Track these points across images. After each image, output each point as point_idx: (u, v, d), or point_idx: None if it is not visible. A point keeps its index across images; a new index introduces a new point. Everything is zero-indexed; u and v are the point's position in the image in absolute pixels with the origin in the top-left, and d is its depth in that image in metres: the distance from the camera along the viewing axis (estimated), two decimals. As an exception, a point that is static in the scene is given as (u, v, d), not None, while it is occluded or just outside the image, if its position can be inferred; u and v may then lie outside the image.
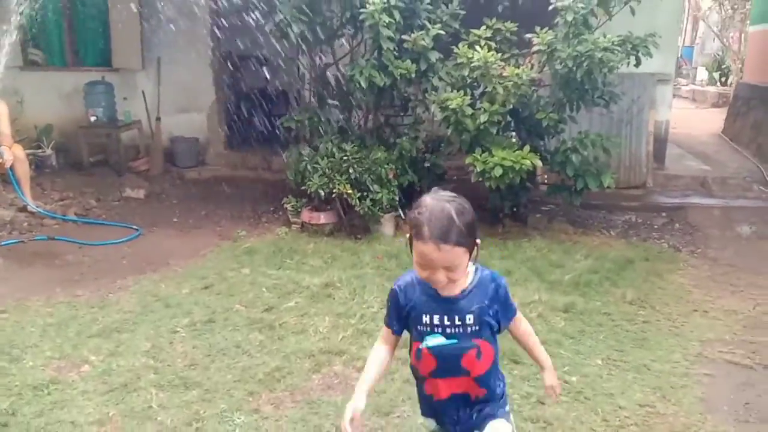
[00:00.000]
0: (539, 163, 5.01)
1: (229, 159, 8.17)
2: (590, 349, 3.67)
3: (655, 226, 6.05)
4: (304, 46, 5.34)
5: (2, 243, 5.44)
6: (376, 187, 5.29)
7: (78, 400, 3.08)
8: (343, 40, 5.49)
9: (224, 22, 7.33)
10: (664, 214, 6.39)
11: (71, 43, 8.33)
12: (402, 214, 5.51)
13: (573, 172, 5.20)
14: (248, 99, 8.45)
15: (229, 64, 8.15)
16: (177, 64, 7.92)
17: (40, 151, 7.76)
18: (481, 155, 4.99)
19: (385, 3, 4.67)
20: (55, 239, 5.60)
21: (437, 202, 1.81)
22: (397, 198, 5.46)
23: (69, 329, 3.83)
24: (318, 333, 3.82)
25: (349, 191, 5.29)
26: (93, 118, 7.65)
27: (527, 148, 5.03)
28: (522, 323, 2.10)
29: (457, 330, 1.92)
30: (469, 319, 1.91)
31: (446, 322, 1.92)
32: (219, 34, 7.66)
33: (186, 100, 8.11)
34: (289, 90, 7.73)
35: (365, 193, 5.34)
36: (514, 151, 5.00)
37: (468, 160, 5.03)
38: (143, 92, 7.97)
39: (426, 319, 1.94)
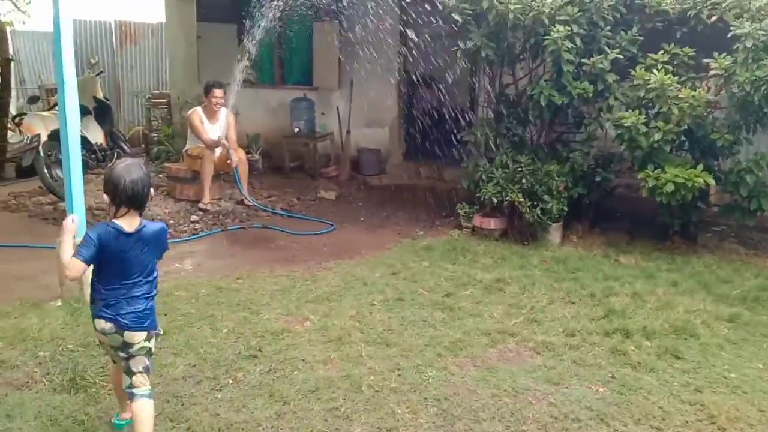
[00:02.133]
0: (712, 182, 5.19)
1: (406, 169, 9.02)
2: (752, 355, 3.88)
3: (834, 253, 5.89)
4: (488, 68, 5.97)
5: (229, 228, 6.66)
6: (546, 197, 5.76)
7: (305, 346, 3.92)
8: (522, 62, 6.04)
9: (410, 47, 8.21)
10: None
11: (279, 64, 9.71)
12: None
13: (747, 193, 5.30)
14: (426, 116, 9.25)
15: (411, 84, 9.01)
16: (366, 84, 8.94)
17: (249, 155, 9.14)
18: (653, 171, 5.28)
19: (569, 31, 5.19)
20: (268, 228, 6.71)
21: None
22: (566, 209, 5.88)
23: (291, 295, 4.75)
24: (492, 317, 4.40)
25: (521, 200, 5.82)
26: (296, 130, 8.89)
27: (700, 166, 5.24)
28: None
29: None
30: None
31: None
32: (404, 59, 8.55)
33: (372, 116, 9.12)
34: (465, 108, 8.40)
35: (536, 203, 5.83)
36: (687, 169, 5.23)
37: (640, 175, 5.34)
38: (337, 108, 9.08)
39: None
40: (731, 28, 4.97)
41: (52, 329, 3.96)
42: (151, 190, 2.80)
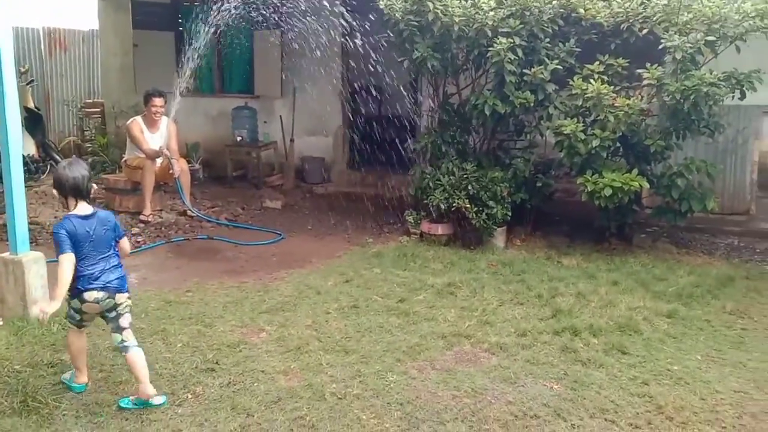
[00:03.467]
0: (647, 185, 5.49)
1: (351, 177, 9.07)
2: (691, 347, 4.13)
3: (758, 250, 6.32)
4: (432, 78, 6.10)
5: (173, 240, 6.52)
6: (491, 203, 5.94)
7: (263, 357, 3.90)
8: (465, 72, 6.21)
9: (352, 56, 8.29)
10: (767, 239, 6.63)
11: (219, 73, 9.58)
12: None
13: (678, 195, 5.63)
14: (368, 124, 9.34)
15: (353, 93, 9.09)
16: (309, 93, 8.93)
17: (190, 165, 8.96)
18: (591, 176, 5.54)
19: (511, 42, 5.38)
20: (214, 239, 6.61)
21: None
22: (509, 214, 6.08)
23: (244, 306, 4.71)
24: (446, 321, 4.49)
25: (467, 206, 5.97)
26: (239, 138, 8.79)
27: (635, 171, 5.53)
28: None
29: None
30: None
31: None
32: (347, 68, 8.62)
33: (315, 124, 9.13)
34: (407, 117, 8.53)
35: (481, 208, 6.00)
36: (623, 174, 5.51)
37: (579, 180, 5.58)
38: (280, 117, 9.04)
39: None
40: (661, 41, 5.28)
41: (-6, 350, 3.78)
42: (93, 184, 3.39)
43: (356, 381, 3.60)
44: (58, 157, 8.38)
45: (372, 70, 7.43)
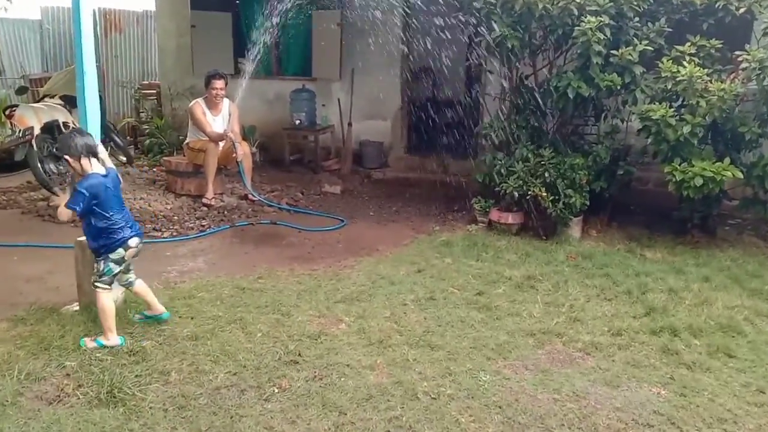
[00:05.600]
0: (740, 175, 5.13)
1: (410, 162, 8.86)
2: (803, 352, 3.82)
3: None
4: (506, 59, 5.81)
5: (236, 224, 6.41)
6: (569, 191, 5.65)
7: (346, 349, 3.74)
8: (544, 53, 5.91)
9: (414, 37, 8.02)
10: None
11: (276, 54, 9.43)
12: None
13: (772, 186, 5.26)
14: (428, 108, 9.10)
15: (413, 75, 8.83)
16: (368, 75, 8.73)
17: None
18: (680, 165, 5.20)
19: (600, 21, 5.06)
20: (277, 224, 6.48)
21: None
22: (587, 203, 5.79)
23: (318, 295, 4.55)
24: (532, 317, 4.26)
25: (544, 194, 5.70)
26: (297, 122, 8.64)
27: (727, 160, 5.18)
28: None
29: None
30: None
31: None
32: (408, 49, 8.37)
33: (374, 108, 8.92)
34: (469, 100, 8.25)
35: (557, 197, 5.72)
36: (713, 163, 5.17)
37: (667, 169, 5.25)
38: (338, 100, 8.85)
39: None
40: (765, 21, 4.89)
41: (74, 336, 3.70)
42: (95, 143, 3.69)
43: (448, 380, 3.42)
44: (118, 139, 8.36)
45: (433, 51, 7.19)
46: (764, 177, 5.36)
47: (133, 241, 3.73)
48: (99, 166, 3.62)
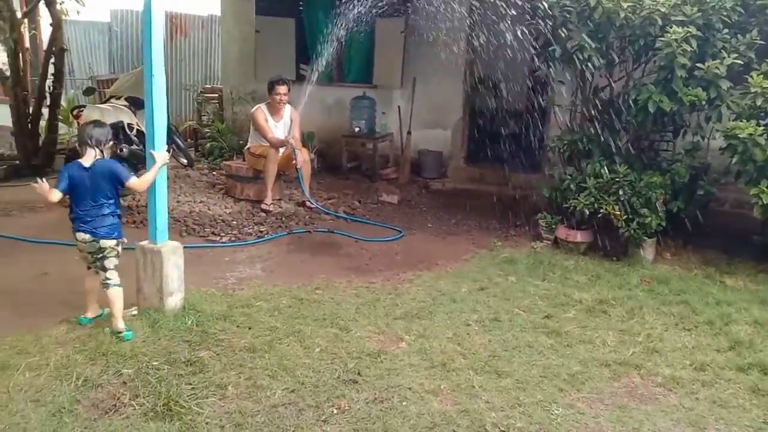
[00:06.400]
0: (836, 201, 4.73)
1: (469, 173, 8.63)
2: None
3: None
4: (580, 70, 5.54)
5: (294, 231, 6.32)
6: (644, 210, 5.33)
7: (407, 371, 3.56)
8: (621, 65, 5.61)
9: (478, 45, 7.81)
10: None
11: (338, 61, 9.36)
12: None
13: None
14: (490, 118, 8.86)
15: (476, 85, 8.61)
16: (430, 84, 8.57)
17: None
18: (767, 188, 4.84)
19: (687, 32, 4.75)
20: (334, 232, 6.37)
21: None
22: (663, 224, 5.45)
23: (377, 309, 4.39)
24: (606, 345, 3.99)
25: (617, 212, 5.40)
26: (357, 129, 8.54)
27: (820, 184, 4.78)
28: None
29: None
30: None
31: None
32: (471, 58, 8.16)
33: (434, 117, 8.74)
34: (534, 111, 7.97)
35: (631, 216, 5.41)
36: (806, 186, 4.78)
37: (753, 191, 4.89)
38: (399, 108, 8.71)
39: None
40: None
41: (132, 342, 3.65)
42: (106, 139, 3.86)
43: (517, 411, 3.19)
44: (180, 141, 8.43)
45: (499, 59, 6.95)
46: None
47: (79, 236, 3.80)
48: (90, 159, 3.76)
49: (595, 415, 3.19)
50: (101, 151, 3.82)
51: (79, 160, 3.78)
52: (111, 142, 3.94)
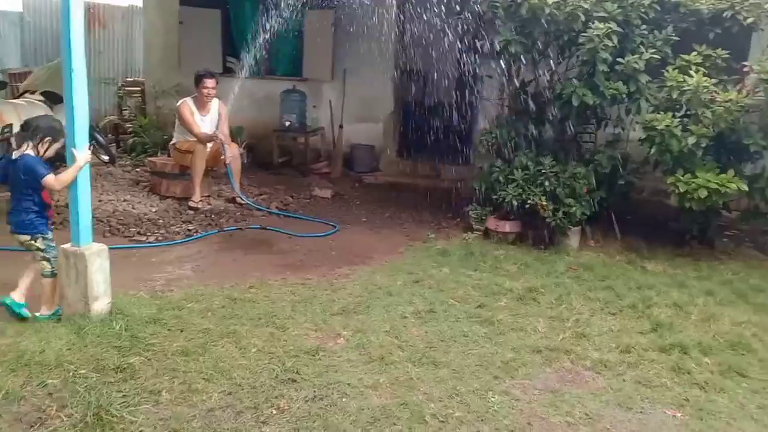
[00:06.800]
0: (745, 188, 5.04)
1: (401, 167, 8.68)
2: (816, 373, 3.72)
3: None
4: (507, 65, 5.68)
5: (225, 228, 6.19)
6: (570, 200, 5.53)
7: (346, 367, 3.55)
8: (546, 60, 5.77)
9: (408, 40, 7.87)
10: None
11: (267, 54, 9.18)
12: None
13: (778, 199, 5.19)
14: (421, 112, 8.94)
15: (407, 79, 8.67)
16: (361, 77, 8.54)
17: (238, 150, 8.62)
18: (683, 176, 5.10)
19: (608, 28, 4.94)
20: (267, 229, 6.27)
21: None
22: (587, 213, 5.67)
23: (313, 306, 4.36)
24: (537, 332, 4.12)
25: (544, 203, 5.57)
26: (287, 123, 8.42)
27: (731, 171, 5.09)
28: None
29: None
30: None
31: None
32: (402, 52, 8.21)
33: (366, 110, 8.72)
34: (463, 105, 8.10)
35: (558, 206, 5.59)
36: (717, 175, 5.07)
37: (670, 180, 5.15)
38: (330, 101, 8.66)
39: None
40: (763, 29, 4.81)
41: (57, 351, 3.46)
42: (41, 135, 3.84)
43: (455, 401, 3.25)
44: (99, 137, 8.06)
45: (428, 53, 7.02)
46: (766, 189, 5.28)
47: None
48: (20, 153, 3.80)
49: (530, 401, 3.29)
50: (35, 146, 3.81)
51: (14, 153, 3.86)
52: (48, 139, 3.86)
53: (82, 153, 3.73)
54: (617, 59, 5.18)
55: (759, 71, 4.81)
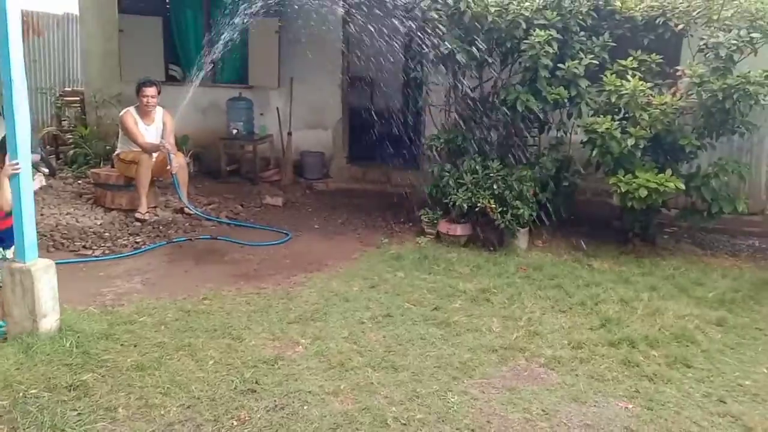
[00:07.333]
0: (682, 187, 5.29)
1: (351, 173, 8.71)
2: (753, 359, 3.93)
3: (782, 252, 6.22)
4: (452, 72, 5.79)
5: (174, 240, 6.07)
6: (517, 203, 5.67)
7: (306, 375, 3.55)
8: (490, 66, 5.92)
9: (354, 47, 7.90)
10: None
11: (211, 61, 9.04)
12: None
13: (711, 196, 5.45)
14: (369, 118, 8.97)
15: (354, 85, 8.70)
16: (308, 84, 8.54)
17: (183, 159, 8.45)
18: (624, 177, 5.31)
19: (548, 35, 5.11)
20: (218, 239, 6.19)
21: None
22: (534, 214, 5.82)
23: (270, 315, 4.33)
24: (491, 332, 4.21)
25: (493, 206, 5.69)
26: (234, 131, 8.33)
27: (669, 171, 5.33)
28: None
29: None
30: None
31: None
32: (348, 59, 8.24)
33: (314, 117, 8.72)
34: (410, 111, 8.19)
35: (506, 209, 5.73)
36: (656, 174, 5.30)
37: (612, 180, 5.36)
38: (277, 109, 8.61)
39: None
40: (703, 37, 5.08)
41: (4, 371, 3.34)
42: None
43: (416, 403, 3.29)
44: (38, 149, 7.78)
45: (374, 60, 7.07)
46: (702, 187, 5.55)
47: None
48: None
49: (488, 399, 3.36)
50: None
51: None
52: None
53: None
54: (558, 65, 5.37)
55: (691, 75, 5.06)
